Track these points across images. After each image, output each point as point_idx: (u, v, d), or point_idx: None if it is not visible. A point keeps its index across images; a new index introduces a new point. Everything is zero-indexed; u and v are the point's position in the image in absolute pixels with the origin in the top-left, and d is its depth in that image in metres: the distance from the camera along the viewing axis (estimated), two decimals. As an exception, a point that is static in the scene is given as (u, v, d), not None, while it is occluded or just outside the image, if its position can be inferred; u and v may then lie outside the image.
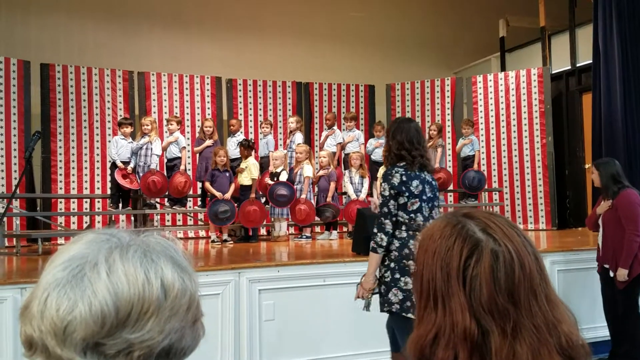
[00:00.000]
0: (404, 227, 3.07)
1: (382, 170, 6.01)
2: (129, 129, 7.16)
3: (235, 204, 7.37)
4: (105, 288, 0.69)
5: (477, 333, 0.88)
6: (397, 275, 3.04)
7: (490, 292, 0.88)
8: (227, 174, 6.93)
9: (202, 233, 8.24)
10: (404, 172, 3.07)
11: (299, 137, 7.92)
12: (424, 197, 3.11)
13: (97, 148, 8.30)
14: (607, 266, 4.51)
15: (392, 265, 3.07)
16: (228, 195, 6.84)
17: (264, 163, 7.94)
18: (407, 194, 3.05)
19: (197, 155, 7.69)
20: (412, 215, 3.06)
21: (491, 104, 9.13)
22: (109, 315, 0.68)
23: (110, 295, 0.69)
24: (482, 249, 0.91)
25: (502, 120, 9.01)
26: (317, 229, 8.54)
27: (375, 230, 3.08)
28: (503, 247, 0.91)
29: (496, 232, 0.93)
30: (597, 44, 7.64)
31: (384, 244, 3.04)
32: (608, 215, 4.49)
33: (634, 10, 7.43)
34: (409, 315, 2.95)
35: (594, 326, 5.05)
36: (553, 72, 9.07)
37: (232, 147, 7.78)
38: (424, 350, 0.91)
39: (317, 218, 7.49)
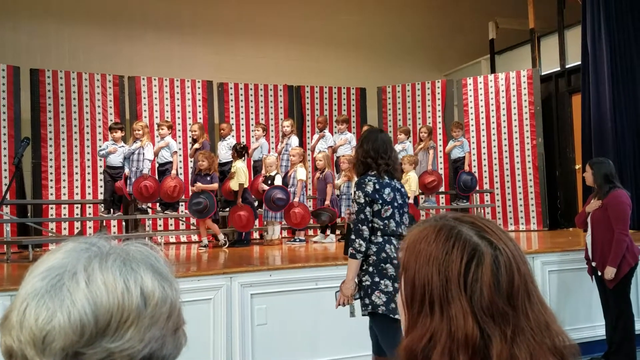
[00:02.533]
0: (379, 233, 3.18)
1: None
2: (119, 134, 7.14)
3: (227, 208, 7.38)
4: (84, 297, 0.69)
5: (479, 339, 0.87)
6: (377, 279, 3.13)
7: (492, 296, 0.88)
8: (209, 178, 6.92)
9: (194, 238, 8.22)
10: (376, 181, 3.19)
11: (294, 141, 7.92)
12: (395, 204, 3.23)
13: (88, 153, 8.26)
14: (594, 264, 4.54)
15: (371, 269, 3.16)
16: (200, 185, 6.81)
17: (258, 167, 7.94)
18: (380, 201, 3.17)
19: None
20: (386, 221, 3.18)
21: (481, 106, 9.17)
22: (88, 324, 0.68)
23: (89, 305, 0.69)
24: (483, 253, 0.91)
25: (493, 122, 9.06)
26: (311, 232, 8.55)
27: (353, 236, 3.17)
28: (502, 251, 0.92)
29: (492, 237, 0.94)
30: (586, 45, 7.70)
31: (363, 249, 3.13)
32: (597, 214, 4.52)
33: (622, 12, 7.50)
34: (396, 316, 2.99)
35: (591, 325, 5.09)
36: (542, 73, 9.13)
37: (223, 151, 7.78)
38: (416, 356, 0.91)
39: (311, 221, 7.49)
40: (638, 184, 7.28)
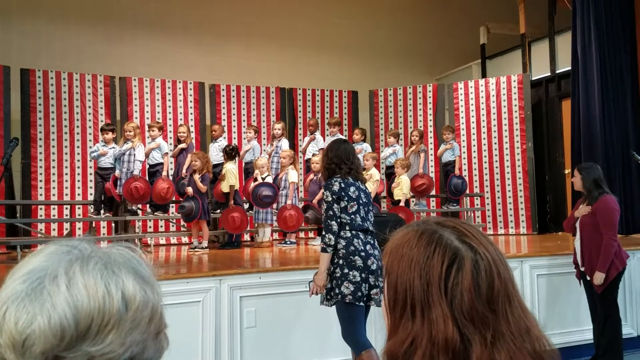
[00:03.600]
0: (347, 227, 3.51)
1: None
2: (110, 135, 7.11)
3: (219, 210, 7.37)
4: (64, 301, 0.69)
5: (459, 343, 0.88)
6: (346, 270, 3.44)
7: (472, 300, 0.89)
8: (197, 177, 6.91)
9: (184, 239, 8.20)
10: (341, 181, 3.55)
11: (285, 144, 7.92)
12: (361, 201, 3.57)
13: (78, 154, 8.22)
14: (583, 269, 4.57)
15: (341, 262, 3.47)
16: (189, 190, 6.80)
17: (249, 169, 7.93)
18: (346, 198, 3.52)
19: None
20: (352, 216, 3.53)
21: (472, 110, 9.22)
22: (68, 328, 0.68)
23: (70, 308, 0.69)
24: (463, 257, 0.92)
25: (483, 126, 9.11)
26: (302, 235, 8.54)
27: (323, 232, 3.53)
28: (482, 256, 0.92)
29: (473, 241, 0.94)
30: (576, 51, 7.75)
31: (332, 243, 3.46)
32: (586, 219, 4.54)
33: (611, 18, 7.56)
34: (360, 304, 3.42)
35: (579, 329, 5.13)
36: (533, 78, 9.19)
37: (214, 152, 7.77)
38: (398, 359, 0.91)
39: (303, 224, 7.48)
40: (626, 189, 7.33)
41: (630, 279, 5.40)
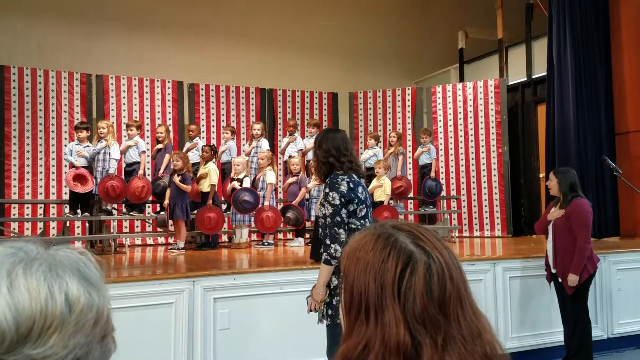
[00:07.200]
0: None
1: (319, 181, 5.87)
2: (84, 134, 7.00)
3: (196, 210, 7.31)
4: (5, 303, 0.68)
5: (410, 346, 0.88)
6: None
7: (424, 304, 0.89)
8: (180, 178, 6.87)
9: (161, 240, 8.13)
10: (349, 180, 3.06)
11: (264, 144, 7.90)
12: (368, 203, 3.13)
13: (53, 152, 8.11)
14: (554, 271, 4.64)
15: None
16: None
17: (226, 169, 7.89)
18: (356, 200, 3.05)
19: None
20: (362, 221, 3.05)
21: (449, 114, 9.31)
22: (8, 330, 0.67)
23: (11, 310, 0.68)
24: (416, 261, 0.92)
25: (460, 130, 9.20)
26: (280, 236, 8.53)
27: (328, 241, 3.01)
28: (435, 259, 0.93)
29: (427, 245, 0.95)
30: (551, 56, 7.86)
31: (339, 255, 2.94)
32: (560, 222, 4.60)
33: (586, 25, 7.69)
34: None
35: (551, 331, 5.19)
36: (509, 83, 9.31)
37: (191, 152, 7.72)
38: None
39: (281, 225, 7.47)
40: (599, 193, 7.45)
41: (600, 282, 5.49)
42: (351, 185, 3.06)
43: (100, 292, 0.76)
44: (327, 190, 3.07)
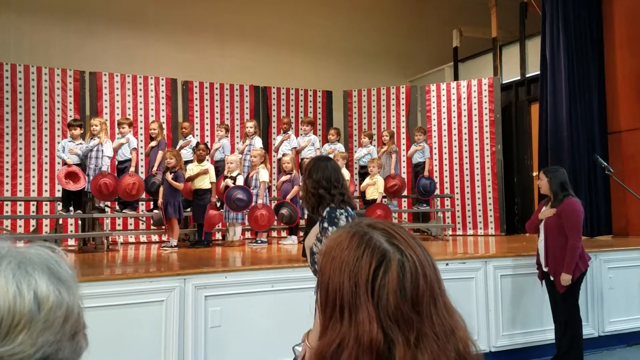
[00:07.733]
0: None
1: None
2: (77, 131, 6.97)
3: (189, 208, 7.30)
4: None
5: (383, 343, 0.88)
6: None
7: (397, 302, 0.90)
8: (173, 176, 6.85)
9: (154, 238, 8.11)
10: (346, 215, 2.93)
11: (258, 142, 7.89)
12: None
13: (46, 149, 8.09)
14: (546, 269, 4.65)
15: None
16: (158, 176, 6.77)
17: (219, 167, 7.88)
18: None
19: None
20: None
21: (444, 112, 9.32)
22: None
23: None
24: (390, 259, 0.92)
25: (454, 128, 9.22)
26: (274, 234, 8.53)
27: None
28: (408, 258, 0.93)
29: (401, 243, 0.95)
30: (545, 55, 7.88)
31: None
32: (551, 221, 4.62)
33: (580, 23, 7.71)
34: None
35: (542, 329, 5.21)
36: (503, 82, 9.33)
37: (184, 150, 7.70)
38: None
39: (275, 223, 7.47)
40: (591, 192, 7.48)
41: (592, 281, 5.51)
42: (349, 220, 2.94)
43: (71, 290, 0.76)
44: (325, 224, 2.89)
